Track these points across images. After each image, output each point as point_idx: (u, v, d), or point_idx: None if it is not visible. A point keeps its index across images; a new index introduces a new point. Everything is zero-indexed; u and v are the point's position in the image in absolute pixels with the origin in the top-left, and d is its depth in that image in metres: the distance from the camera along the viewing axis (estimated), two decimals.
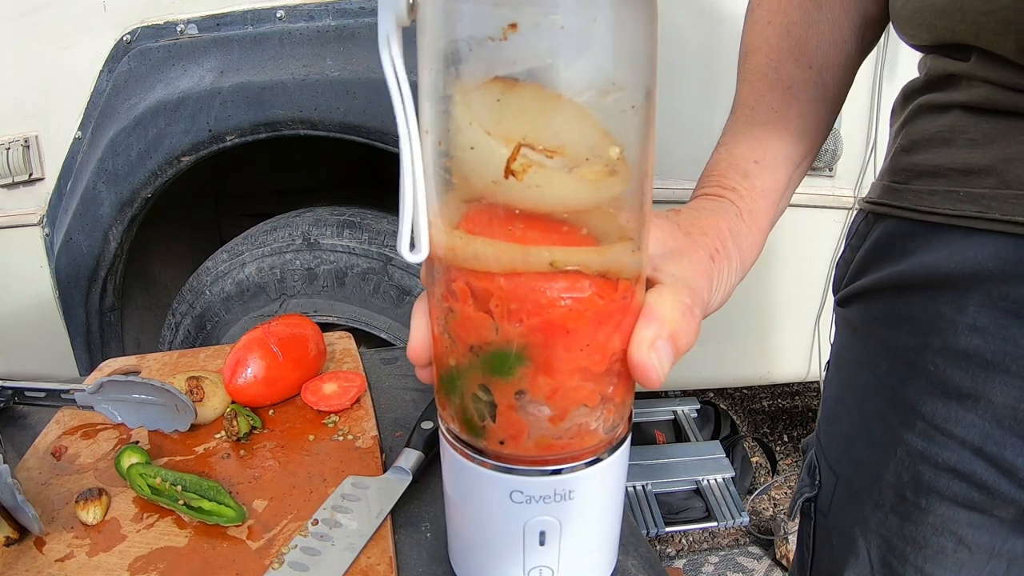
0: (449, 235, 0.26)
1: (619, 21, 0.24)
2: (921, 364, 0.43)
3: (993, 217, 0.37)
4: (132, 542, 0.42)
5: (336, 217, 1.15)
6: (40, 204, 1.24)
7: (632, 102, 0.25)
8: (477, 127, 0.24)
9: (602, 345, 0.27)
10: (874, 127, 1.21)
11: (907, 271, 0.43)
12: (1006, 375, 0.38)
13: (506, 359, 0.26)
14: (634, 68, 0.25)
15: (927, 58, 0.43)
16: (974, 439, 0.40)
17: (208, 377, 0.56)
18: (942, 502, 0.43)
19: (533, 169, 0.24)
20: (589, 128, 0.24)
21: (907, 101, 0.46)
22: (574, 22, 0.22)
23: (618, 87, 0.24)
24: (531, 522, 0.29)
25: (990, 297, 0.38)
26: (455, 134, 0.25)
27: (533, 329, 0.25)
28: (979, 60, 0.37)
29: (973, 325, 0.39)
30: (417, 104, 0.26)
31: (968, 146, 0.39)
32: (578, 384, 0.27)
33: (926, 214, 0.41)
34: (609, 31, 0.23)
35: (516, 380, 0.26)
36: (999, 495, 0.40)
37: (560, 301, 0.25)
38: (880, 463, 0.46)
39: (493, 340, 0.26)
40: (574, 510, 0.29)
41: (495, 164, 0.24)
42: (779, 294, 1.31)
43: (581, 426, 0.28)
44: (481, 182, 0.25)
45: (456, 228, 0.26)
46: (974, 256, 0.38)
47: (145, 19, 1.10)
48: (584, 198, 0.25)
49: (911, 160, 0.44)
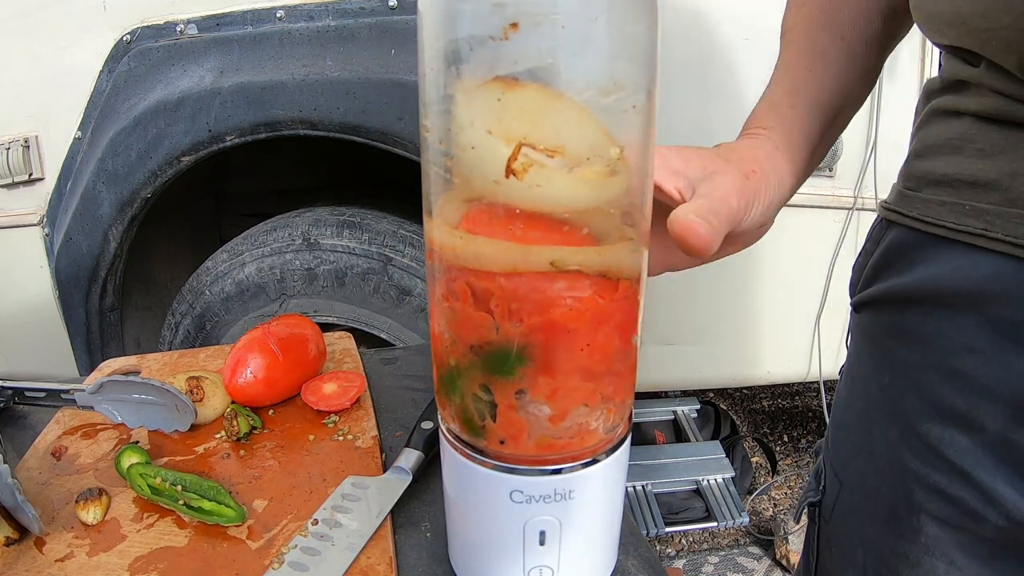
0: (450, 235, 0.26)
1: (620, 20, 0.24)
2: (920, 380, 0.42)
3: (996, 236, 0.36)
4: (132, 542, 0.42)
5: (336, 217, 1.15)
6: (40, 204, 1.24)
7: (633, 102, 0.25)
8: (478, 127, 0.24)
9: (603, 345, 0.27)
10: (874, 127, 1.21)
11: (911, 284, 0.42)
12: (998, 402, 0.37)
13: (507, 359, 0.26)
14: (635, 67, 0.25)
15: (944, 57, 0.43)
16: (964, 464, 0.39)
17: (208, 377, 0.56)
18: (933, 522, 0.42)
19: (534, 169, 0.24)
20: (590, 128, 0.24)
21: (926, 101, 0.46)
22: (575, 21, 0.22)
23: (619, 86, 0.24)
24: (531, 522, 0.29)
25: (988, 319, 0.37)
26: (456, 133, 0.25)
27: (534, 329, 0.25)
28: (988, 69, 0.37)
29: (971, 346, 0.38)
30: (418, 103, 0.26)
31: (976, 156, 0.38)
32: (578, 384, 0.27)
33: (933, 225, 0.41)
34: (610, 30, 0.23)
35: (517, 380, 0.26)
36: (987, 522, 0.39)
37: (561, 301, 0.25)
38: (879, 477, 0.46)
39: (494, 340, 0.26)
40: (574, 510, 0.29)
41: (496, 164, 0.24)
42: (779, 294, 1.31)
43: (581, 426, 0.28)
44: (482, 182, 0.24)
45: (457, 228, 0.26)
46: (975, 274, 0.38)
47: (145, 19, 1.10)
48: (585, 199, 0.25)
49: (923, 166, 0.43)
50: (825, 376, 1.43)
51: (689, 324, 1.29)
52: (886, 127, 1.22)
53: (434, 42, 0.25)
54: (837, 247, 1.30)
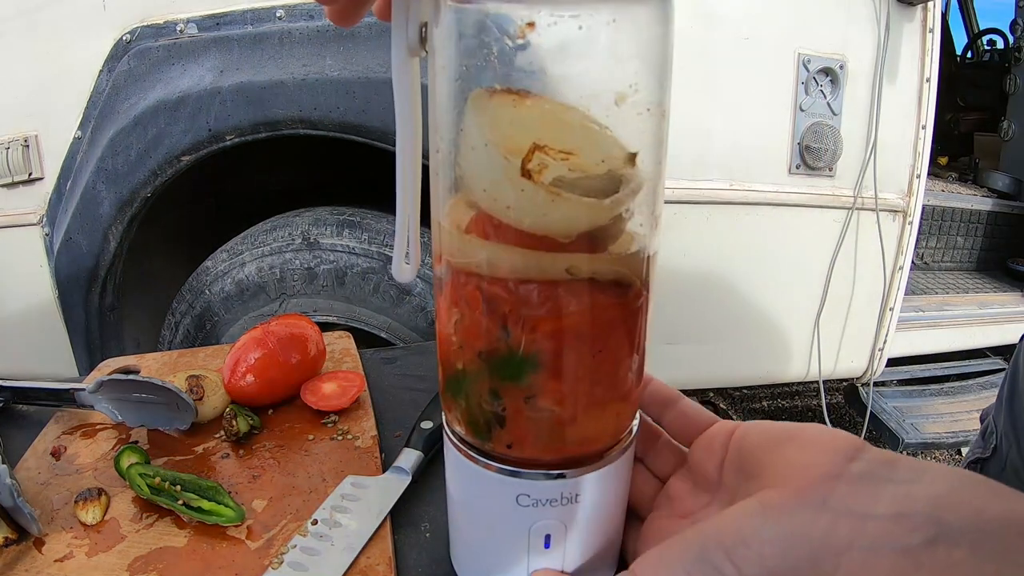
0: (460, 240, 0.26)
1: (637, 22, 0.23)
2: None
3: None
4: (131, 542, 0.42)
5: (336, 217, 1.15)
6: (40, 204, 1.24)
7: (648, 104, 0.24)
8: (488, 135, 0.24)
9: (614, 350, 0.26)
10: (874, 127, 1.22)
11: None
12: None
13: (517, 365, 0.25)
14: (650, 70, 0.24)
15: None
16: None
17: (208, 376, 0.56)
18: None
19: (543, 194, 0.23)
20: (600, 136, 0.24)
21: None
22: (592, 22, 0.22)
23: (635, 89, 0.24)
24: (536, 525, 0.29)
25: None
26: (466, 138, 0.24)
27: (546, 336, 0.25)
28: None
29: None
30: (427, 113, 0.26)
31: None
32: (588, 389, 0.26)
33: None
34: (628, 33, 0.23)
35: (526, 386, 0.26)
36: None
37: (574, 308, 0.25)
38: None
39: (504, 346, 0.25)
40: (580, 513, 0.29)
41: (504, 170, 0.23)
42: (779, 294, 1.31)
43: (590, 430, 0.28)
44: (492, 191, 0.24)
45: (468, 232, 0.25)
46: None
47: (145, 19, 1.10)
48: (596, 217, 0.25)
49: None
50: (825, 376, 1.43)
51: (689, 324, 1.29)
52: (886, 127, 1.22)
53: (445, 48, 0.24)
54: (837, 247, 1.30)
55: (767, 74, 1.17)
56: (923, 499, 0.18)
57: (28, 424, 0.57)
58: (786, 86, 1.18)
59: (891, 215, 1.32)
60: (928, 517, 0.17)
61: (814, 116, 1.19)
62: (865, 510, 0.18)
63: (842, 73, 1.18)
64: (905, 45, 1.22)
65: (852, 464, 0.20)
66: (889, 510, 0.18)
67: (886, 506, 0.18)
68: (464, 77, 0.24)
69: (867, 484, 0.19)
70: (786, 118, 1.19)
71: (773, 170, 1.21)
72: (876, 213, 1.29)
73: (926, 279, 2.10)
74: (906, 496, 0.18)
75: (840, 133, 1.20)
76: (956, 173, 2.71)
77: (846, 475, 0.20)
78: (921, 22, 1.21)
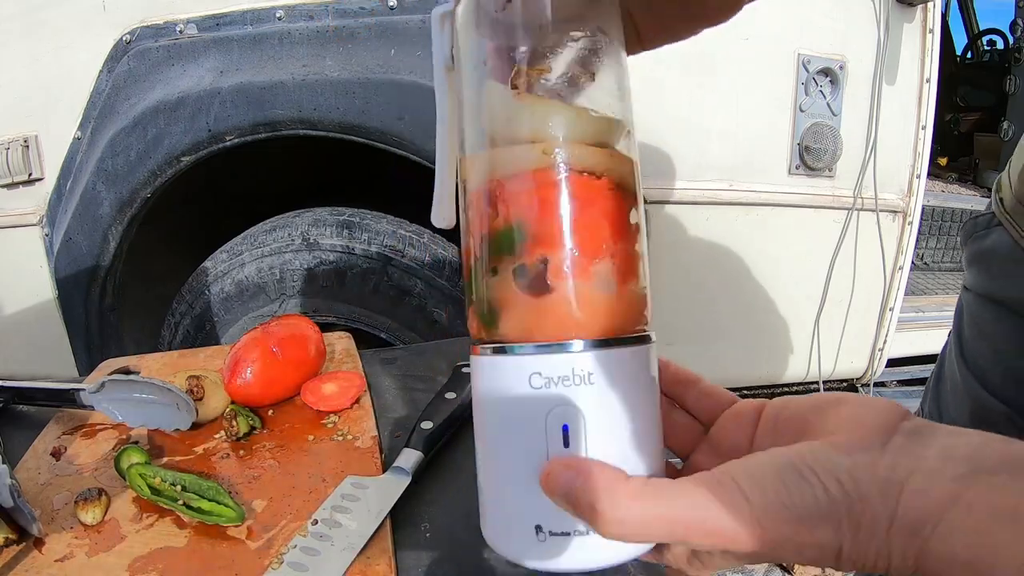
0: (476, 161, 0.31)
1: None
2: None
3: None
4: (132, 542, 0.42)
5: (336, 217, 1.15)
6: (40, 204, 1.24)
7: None
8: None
9: (590, 225, 0.29)
10: (874, 127, 1.21)
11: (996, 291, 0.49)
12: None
13: (507, 235, 0.29)
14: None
15: None
16: None
17: (208, 376, 0.56)
18: None
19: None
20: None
21: None
22: None
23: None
24: (554, 412, 0.28)
25: None
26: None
27: (524, 207, 0.29)
28: None
29: None
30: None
31: None
32: (574, 259, 0.29)
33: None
34: None
35: (516, 256, 0.29)
36: None
37: (547, 181, 0.28)
38: None
39: (497, 223, 0.29)
40: (596, 399, 0.29)
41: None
42: (779, 294, 1.31)
43: (586, 300, 0.28)
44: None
45: None
46: None
47: (145, 19, 1.10)
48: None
49: None
50: (824, 376, 1.43)
51: (688, 325, 1.29)
52: (886, 128, 1.22)
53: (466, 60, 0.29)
54: (837, 248, 1.30)
55: (767, 74, 1.17)
56: (963, 446, 0.22)
57: (28, 424, 0.57)
58: (786, 86, 1.18)
59: (891, 215, 1.32)
60: (970, 458, 0.22)
61: (814, 116, 1.19)
62: (919, 455, 0.22)
63: (842, 73, 1.18)
64: (905, 45, 1.21)
65: (903, 423, 0.24)
66: (939, 455, 0.22)
67: (935, 453, 0.22)
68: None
69: (918, 437, 0.23)
70: (786, 118, 1.19)
71: (773, 171, 1.21)
72: (876, 213, 1.29)
73: (926, 279, 2.10)
74: (951, 446, 0.22)
75: (840, 133, 1.20)
76: (956, 173, 2.71)
77: (900, 430, 0.24)
78: (921, 22, 1.21)
